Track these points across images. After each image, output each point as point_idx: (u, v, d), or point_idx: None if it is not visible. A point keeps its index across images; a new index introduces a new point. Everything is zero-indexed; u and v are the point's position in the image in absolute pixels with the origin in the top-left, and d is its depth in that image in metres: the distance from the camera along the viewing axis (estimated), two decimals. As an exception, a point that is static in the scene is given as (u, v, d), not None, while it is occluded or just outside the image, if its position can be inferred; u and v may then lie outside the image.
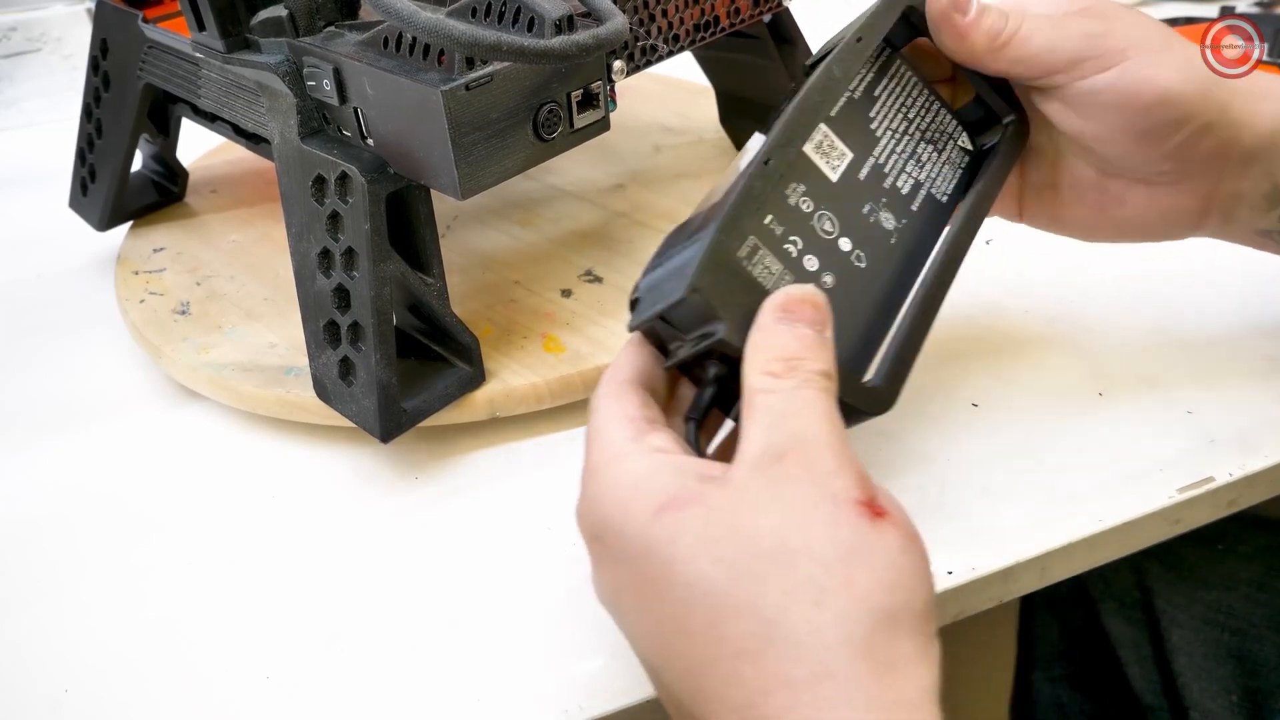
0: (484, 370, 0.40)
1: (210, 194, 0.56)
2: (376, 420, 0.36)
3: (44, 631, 0.35)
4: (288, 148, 0.37)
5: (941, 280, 0.33)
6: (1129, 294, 0.46)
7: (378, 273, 0.35)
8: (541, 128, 0.34)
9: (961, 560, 0.34)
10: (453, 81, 0.31)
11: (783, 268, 0.30)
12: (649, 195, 0.53)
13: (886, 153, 0.35)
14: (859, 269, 0.32)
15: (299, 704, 0.32)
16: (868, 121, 0.34)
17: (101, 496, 0.40)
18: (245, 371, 0.42)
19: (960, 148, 0.37)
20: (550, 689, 0.31)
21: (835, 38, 0.36)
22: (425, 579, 0.35)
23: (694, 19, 0.43)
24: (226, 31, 0.37)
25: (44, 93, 0.78)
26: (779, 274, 0.30)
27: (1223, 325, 0.44)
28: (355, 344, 0.37)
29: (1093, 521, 0.35)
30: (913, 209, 0.34)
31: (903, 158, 0.35)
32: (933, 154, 0.36)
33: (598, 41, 0.30)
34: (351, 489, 0.39)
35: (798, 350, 0.26)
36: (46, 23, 0.79)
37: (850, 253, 0.32)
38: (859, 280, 0.32)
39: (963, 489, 0.37)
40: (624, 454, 0.26)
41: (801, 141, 0.31)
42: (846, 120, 0.34)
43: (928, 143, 0.36)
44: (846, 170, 0.33)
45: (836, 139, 0.33)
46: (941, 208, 0.35)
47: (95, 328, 0.50)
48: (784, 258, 0.30)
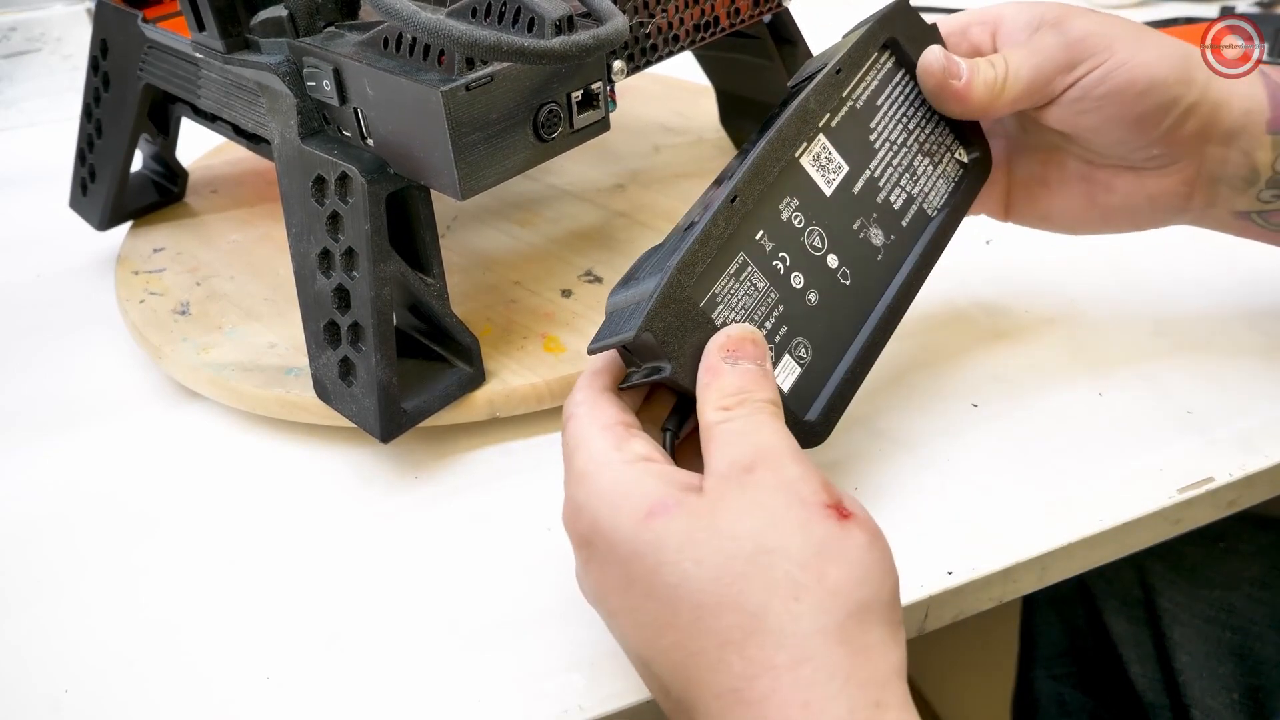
0: (484, 370, 0.40)
1: (210, 194, 0.56)
2: (377, 420, 0.36)
3: (44, 631, 0.35)
4: (288, 148, 0.37)
5: (887, 325, 0.34)
6: (1129, 295, 0.46)
7: (378, 273, 0.35)
8: (542, 128, 0.34)
9: (961, 560, 0.34)
10: (453, 82, 0.31)
11: (769, 284, 0.31)
12: (649, 195, 0.53)
13: (883, 166, 0.35)
14: (843, 286, 0.33)
15: (299, 704, 0.32)
16: (868, 133, 0.35)
17: (101, 496, 0.40)
18: (245, 371, 0.42)
19: (956, 160, 0.38)
20: (550, 689, 0.31)
21: (823, 56, 0.37)
22: (425, 579, 0.35)
23: (694, 19, 0.43)
24: (226, 32, 0.37)
25: (44, 93, 0.79)
26: (764, 290, 0.31)
27: (1223, 326, 0.44)
28: (355, 344, 0.37)
29: (1093, 521, 0.35)
30: (902, 224, 0.35)
31: (898, 171, 0.36)
32: (929, 167, 0.37)
33: (598, 42, 0.30)
34: (350, 489, 0.39)
35: (744, 385, 0.28)
36: (46, 23, 0.79)
37: (837, 269, 0.33)
38: (842, 297, 0.33)
39: (963, 489, 0.37)
40: (608, 462, 0.27)
41: (769, 179, 0.32)
42: (846, 131, 0.34)
43: (925, 155, 0.37)
44: (841, 184, 0.34)
45: (834, 150, 0.34)
46: (930, 222, 0.36)
47: (95, 328, 0.50)
48: (771, 274, 0.31)
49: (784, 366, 0.31)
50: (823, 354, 0.32)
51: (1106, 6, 0.82)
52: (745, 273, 0.31)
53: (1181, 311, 0.45)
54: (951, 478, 0.37)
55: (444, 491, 0.39)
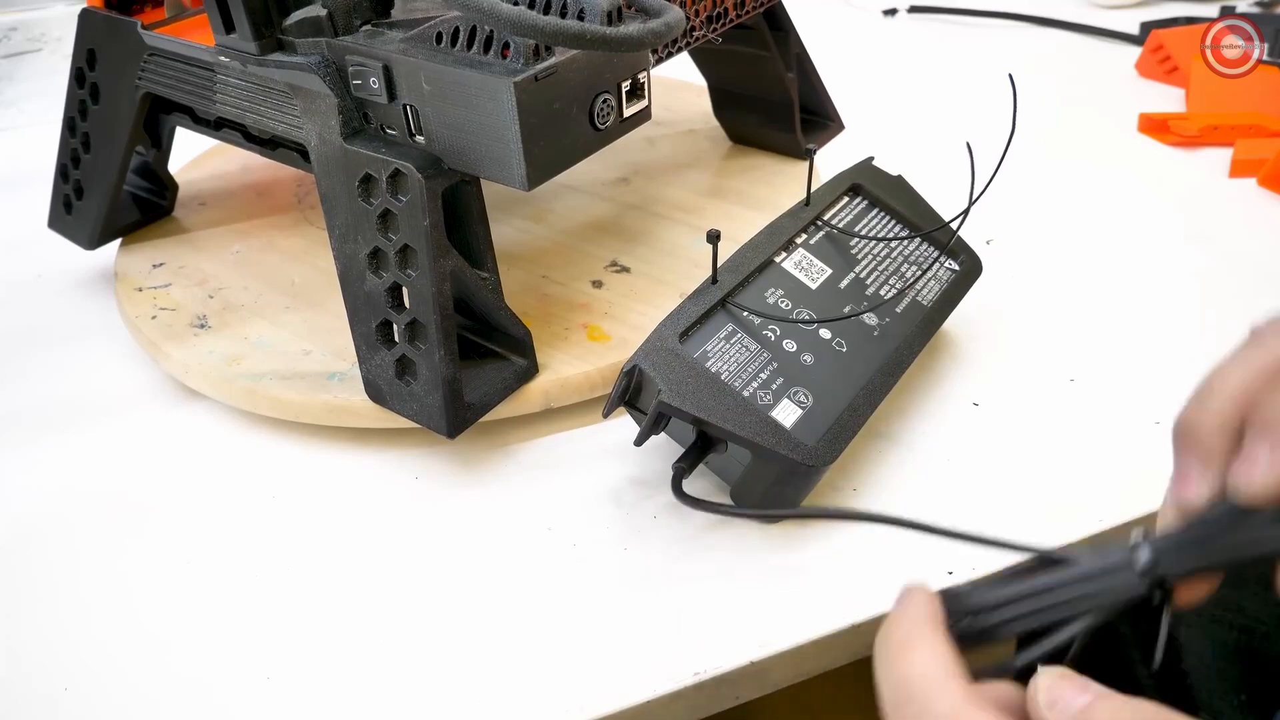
0: (537, 362, 0.40)
1: (199, 207, 0.55)
2: (443, 417, 0.36)
3: (44, 631, 0.34)
4: (328, 149, 0.37)
5: (889, 376, 0.37)
6: (1129, 294, 0.47)
7: (438, 269, 0.35)
8: (596, 117, 0.35)
9: (962, 560, 0.34)
10: (523, 72, 0.31)
11: (760, 347, 0.35)
12: (656, 187, 0.54)
13: (868, 270, 0.40)
14: (839, 352, 0.37)
15: (299, 704, 0.32)
16: (849, 248, 0.40)
17: (102, 495, 0.40)
18: (285, 380, 0.41)
19: (946, 268, 0.42)
20: (550, 689, 0.32)
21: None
22: (425, 579, 0.36)
23: (706, 10, 0.44)
24: (260, 33, 0.36)
25: (44, 93, 0.78)
26: (756, 351, 0.35)
27: (1224, 326, 0.44)
28: (413, 342, 0.37)
29: (1094, 522, 0.35)
30: (896, 311, 0.39)
31: (885, 274, 0.40)
32: (916, 271, 0.41)
33: (669, 29, 0.31)
34: (350, 489, 0.39)
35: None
36: (46, 23, 0.78)
37: (831, 340, 0.37)
38: (839, 360, 0.36)
39: (963, 489, 0.37)
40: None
41: (748, 270, 0.37)
42: (826, 246, 0.40)
43: (912, 264, 0.41)
44: (826, 281, 0.39)
45: (815, 259, 0.39)
46: (925, 310, 0.40)
47: (96, 328, 0.49)
48: (763, 341, 0.36)
49: (783, 408, 0.34)
50: (823, 400, 0.35)
51: (1108, 7, 0.83)
52: (735, 338, 0.35)
53: (1182, 311, 0.46)
54: (951, 478, 0.38)
55: (443, 492, 0.39)
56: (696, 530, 0.36)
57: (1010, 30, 0.81)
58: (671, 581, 0.35)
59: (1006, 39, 0.80)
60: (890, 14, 0.86)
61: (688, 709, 0.32)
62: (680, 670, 0.32)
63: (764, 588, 0.34)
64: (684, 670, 0.32)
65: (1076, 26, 0.79)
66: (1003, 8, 0.83)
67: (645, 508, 0.37)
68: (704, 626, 0.33)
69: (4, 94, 0.78)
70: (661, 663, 0.32)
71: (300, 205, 0.54)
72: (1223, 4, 0.80)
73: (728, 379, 0.34)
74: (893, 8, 0.86)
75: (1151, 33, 0.70)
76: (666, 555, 0.36)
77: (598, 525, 0.37)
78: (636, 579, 0.35)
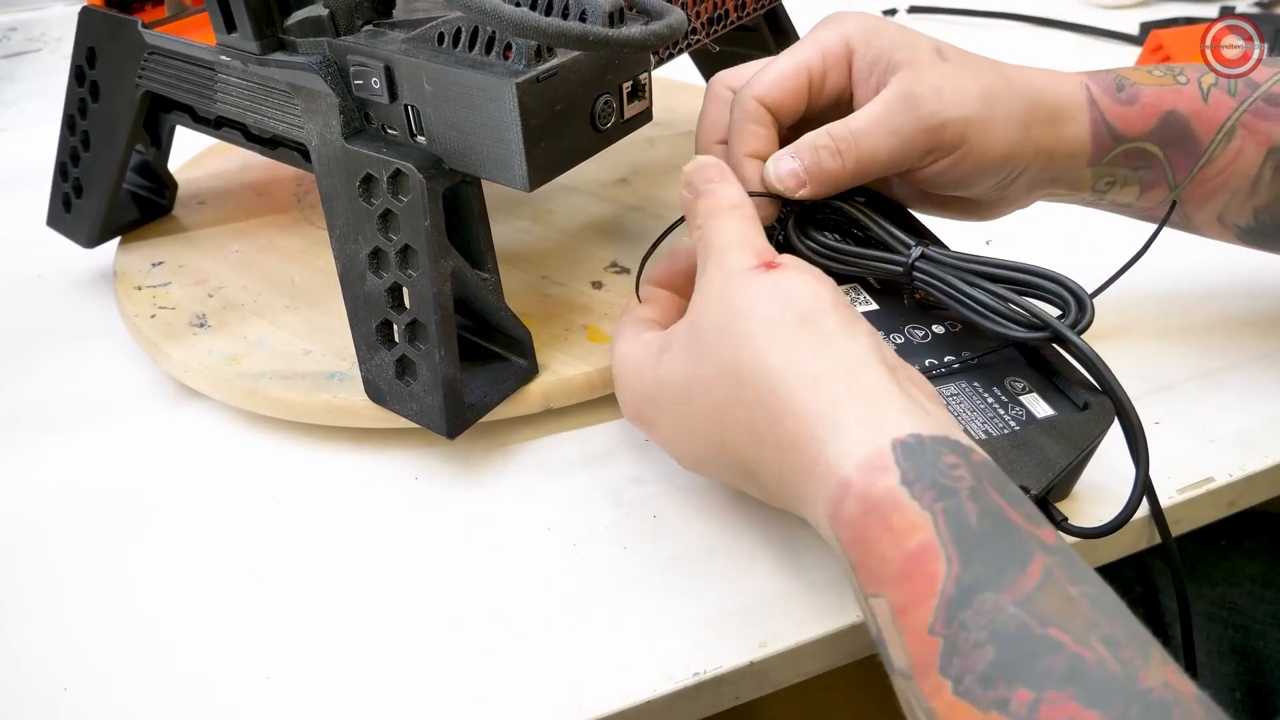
0: (537, 363, 0.40)
1: (198, 206, 0.55)
2: (442, 417, 0.36)
3: (44, 630, 0.34)
4: (329, 149, 0.37)
5: None
6: (1128, 294, 0.47)
7: (439, 269, 0.35)
8: (598, 118, 0.35)
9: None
10: (525, 74, 0.32)
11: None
12: (655, 188, 0.54)
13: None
14: None
15: (299, 704, 0.32)
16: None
17: (102, 495, 0.40)
18: (284, 380, 0.41)
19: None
20: (550, 689, 0.32)
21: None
22: (425, 579, 0.36)
23: (707, 13, 0.44)
24: (261, 33, 0.36)
25: (44, 93, 0.78)
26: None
27: (1222, 325, 0.45)
28: (414, 342, 0.37)
29: (1093, 521, 0.35)
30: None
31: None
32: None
33: (670, 31, 0.31)
34: (350, 489, 0.39)
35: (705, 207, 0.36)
36: (46, 23, 0.78)
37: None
38: None
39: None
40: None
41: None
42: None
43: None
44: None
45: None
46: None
47: (96, 328, 0.49)
48: None
49: None
50: None
51: (1108, 7, 0.83)
52: None
53: (1181, 311, 0.46)
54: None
55: (443, 491, 0.39)
56: (696, 530, 0.36)
57: (1010, 30, 0.81)
58: (671, 581, 0.35)
59: (1006, 39, 0.80)
60: (890, 14, 0.86)
61: (688, 709, 0.32)
62: (680, 670, 0.32)
63: (764, 587, 0.34)
64: (684, 670, 0.32)
65: (1076, 27, 0.79)
66: (1003, 8, 0.83)
67: (645, 508, 0.37)
68: (704, 626, 0.33)
69: (4, 94, 0.78)
70: (661, 663, 0.32)
71: (300, 205, 0.54)
72: (1223, 4, 0.80)
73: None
74: (892, 8, 0.86)
75: (1151, 33, 0.70)
76: (666, 555, 0.36)
77: (598, 525, 0.37)
78: (636, 579, 0.35)
